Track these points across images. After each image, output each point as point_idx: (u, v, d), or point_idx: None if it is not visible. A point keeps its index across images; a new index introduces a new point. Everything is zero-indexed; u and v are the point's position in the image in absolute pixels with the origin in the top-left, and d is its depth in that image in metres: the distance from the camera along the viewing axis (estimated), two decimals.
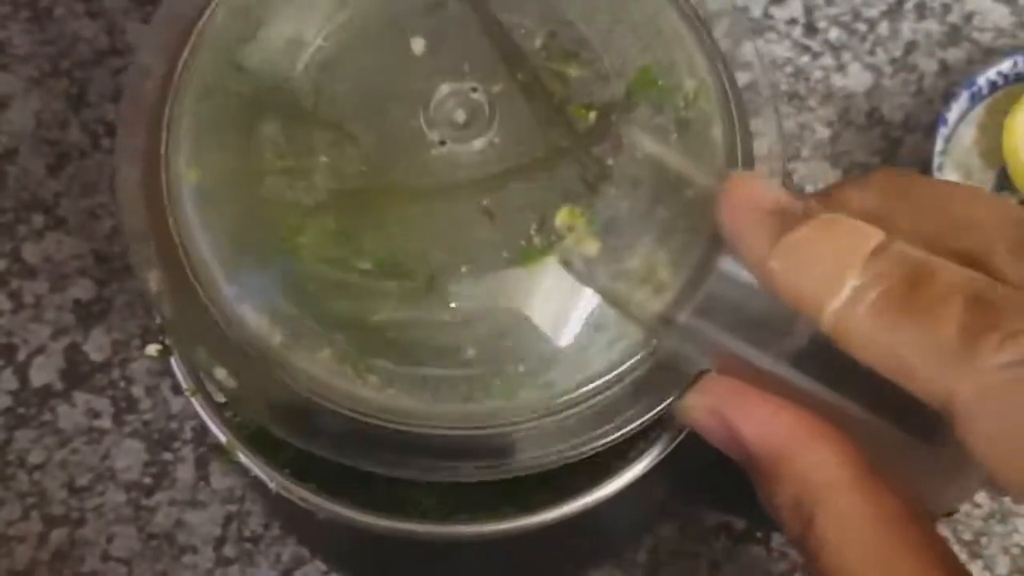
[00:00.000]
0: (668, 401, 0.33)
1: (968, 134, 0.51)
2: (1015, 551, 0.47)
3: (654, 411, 0.33)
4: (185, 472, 0.47)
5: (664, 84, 0.34)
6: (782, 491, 0.29)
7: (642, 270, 0.32)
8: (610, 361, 0.33)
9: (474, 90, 0.33)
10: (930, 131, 0.51)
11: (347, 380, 0.32)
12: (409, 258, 0.32)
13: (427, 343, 0.32)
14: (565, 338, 0.32)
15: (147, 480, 0.47)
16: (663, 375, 0.33)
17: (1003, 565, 0.47)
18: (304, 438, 0.32)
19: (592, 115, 0.33)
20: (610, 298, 0.32)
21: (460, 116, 0.33)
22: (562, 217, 0.32)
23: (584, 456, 0.33)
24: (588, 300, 0.32)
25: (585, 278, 0.32)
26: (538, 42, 0.34)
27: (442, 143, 0.33)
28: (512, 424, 0.32)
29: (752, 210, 0.29)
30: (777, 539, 0.47)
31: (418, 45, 0.34)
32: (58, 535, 0.47)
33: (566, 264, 0.32)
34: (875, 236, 0.27)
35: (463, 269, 0.32)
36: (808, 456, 0.29)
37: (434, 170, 0.33)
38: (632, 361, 0.33)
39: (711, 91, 0.35)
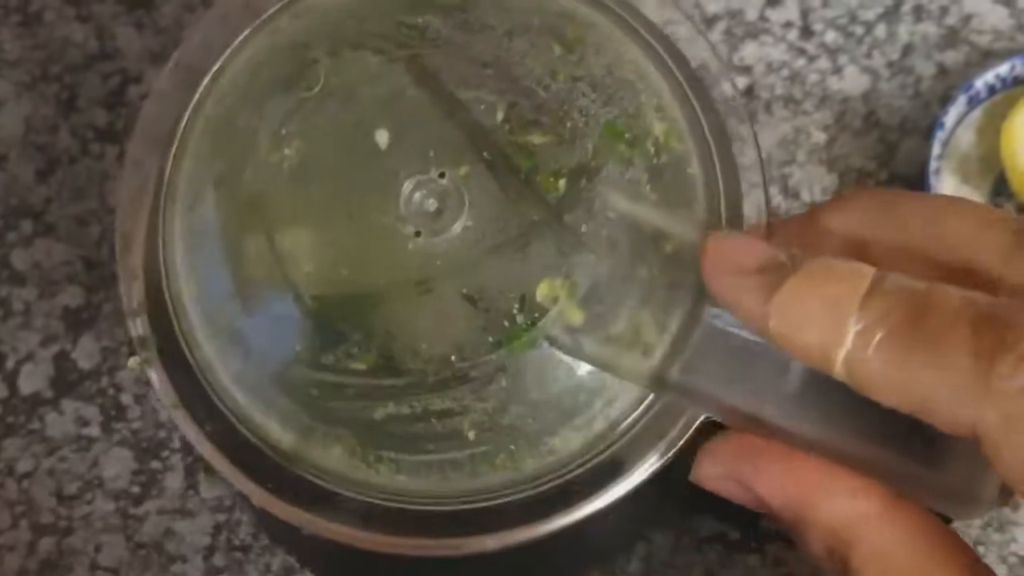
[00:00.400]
0: (675, 449, 0.33)
1: (966, 138, 0.51)
2: (1012, 560, 0.47)
3: (660, 460, 0.34)
4: (174, 481, 0.47)
5: (631, 135, 0.34)
6: (813, 539, 0.29)
7: (628, 333, 0.31)
8: (610, 420, 0.33)
9: (441, 176, 0.33)
10: (927, 135, 0.51)
11: (360, 471, 0.33)
12: (400, 355, 0.33)
13: (430, 432, 0.33)
14: (562, 407, 0.33)
15: (136, 489, 0.47)
16: (665, 424, 0.34)
17: (1001, 573, 0.46)
18: (318, 522, 0.34)
19: (561, 183, 0.33)
20: (599, 365, 0.32)
21: (431, 205, 0.33)
22: (543, 291, 0.32)
23: (596, 515, 0.34)
24: (580, 366, 0.33)
25: (571, 350, 0.32)
26: (499, 115, 0.34)
27: (417, 234, 0.33)
28: (519, 493, 0.33)
29: (737, 273, 0.28)
30: (772, 549, 0.46)
31: (382, 138, 0.34)
32: (46, 544, 0.46)
33: (551, 340, 0.32)
34: (867, 274, 0.27)
35: (453, 358, 0.33)
36: (829, 500, 0.29)
37: (412, 263, 0.33)
38: (632, 417, 0.33)
39: (682, 128, 0.35)
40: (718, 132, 0.35)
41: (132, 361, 0.34)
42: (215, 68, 0.35)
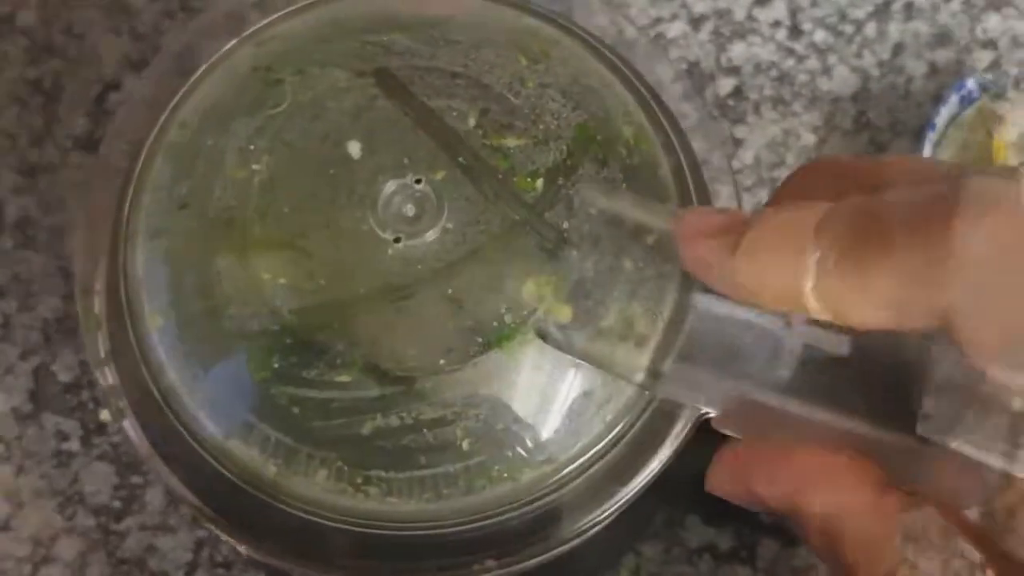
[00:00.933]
0: (674, 449, 0.33)
1: (957, 138, 0.50)
2: None
3: (660, 464, 0.33)
4: (155, 496, 0.46)
5: (603, 137, 0.34)
6: (812, 536, 0.29)
7: (619, 326, 0.31)
8: (605, 423, 0.33)
9: (418, 182, 0.33)
10: (918, 135, 0.50)
11: (347, 497, 0.32)
12: (386, 362, 0.32)
13: (421, 444, 0.32)
14: (556, 411, 0.33)
15: (117, 504, 0.46)
16: (662, 427, 0.33)
17: None
18: (305, 561, 0.33)
19: (539, 182, 0.33)
20: (592, 360, 0.31)
21: (409, 210, 0.33)
22: (529, 289, 0.32)
23: (605, 521, 0.34)
24: (572, 367, 0.32)
25: (563, 346, 0.31)
26: (472, 121, 0.34)
27: (397, 240, 0.33)
28: (520, 508, 0.33)
29: (705, 237, 0.29)
30: (762, 559, 0.46)
31: (354, 149, 0.34)
32: (27, 561, 0.46)
33: (542, 335, 0.31)
34: (813, 209, 0.28)
35: (442, 362, 0.32)
36: (820, 494, 0.29)
37: (393, 269, 0.33)
38: (628, 418, 0.33)
39: (649, 133, 0.35)
40: (682, 133, 0.35)
41: (104, 414, 0.33)
42: (174, 102, 0.35)
